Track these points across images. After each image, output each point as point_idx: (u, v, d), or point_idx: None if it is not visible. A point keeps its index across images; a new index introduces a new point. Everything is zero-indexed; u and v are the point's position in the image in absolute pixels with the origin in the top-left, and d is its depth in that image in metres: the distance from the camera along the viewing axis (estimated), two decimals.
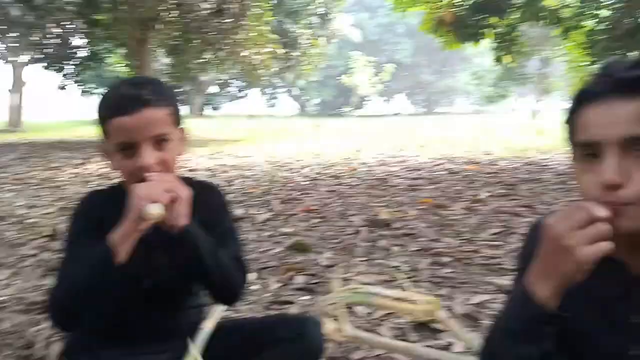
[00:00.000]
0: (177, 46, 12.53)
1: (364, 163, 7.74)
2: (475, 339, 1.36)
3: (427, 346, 1.79)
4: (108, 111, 1.18)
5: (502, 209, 4.16)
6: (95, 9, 11.73)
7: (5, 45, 19.03)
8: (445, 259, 2.92)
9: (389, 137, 12.30)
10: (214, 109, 39.61)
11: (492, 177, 5.79)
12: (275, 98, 46.67)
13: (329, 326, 1.45)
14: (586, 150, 0.83)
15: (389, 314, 2.07)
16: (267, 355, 1.29)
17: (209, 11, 9.72)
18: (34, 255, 3.33)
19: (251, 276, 2.69)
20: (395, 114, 31.88)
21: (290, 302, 2.33)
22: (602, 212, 0.77)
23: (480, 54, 29.57)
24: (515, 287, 0.89)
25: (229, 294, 1.29)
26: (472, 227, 3.64)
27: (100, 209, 1.28)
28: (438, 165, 7.14)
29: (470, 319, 2.07)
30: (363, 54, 24.22)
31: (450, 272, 2.72)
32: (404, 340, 1.85)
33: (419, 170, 6.73)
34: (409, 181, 5.85)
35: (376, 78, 22.54)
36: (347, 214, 4.28)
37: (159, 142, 1.17)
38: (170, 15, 10.12)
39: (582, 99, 0.85)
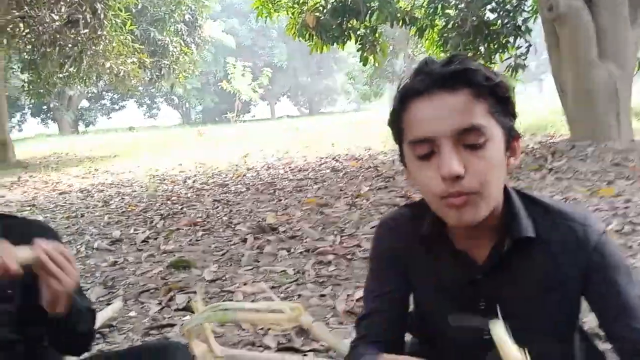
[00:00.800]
0: (33, 61, 11.49)
1: (250, 168, 7.67)
2: (342, 343, 1.37)
3: (312, 350, 1.78)
4: None
5: (382, 201, 4.34)
6: None
7: None
8: (330, 257, 2.96)
9: (275, 140, 12.31)
10: (87, 124, 37.04)
11: (372, 172, 6.02)
12: (155, 108, 44.79)
13: (198, 349, 1.38)
14: (420, 146, 0.83)
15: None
16: None
17: (58, 23, 8.98)
18: None
19: (129, 302, 2.52)
20: (280, 117, 32.13)
21: (171, 325, 2.20)
22: None
23: (353, 54, 30.75)
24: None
25: (83, 346, 1.20)
26: (354, 222, 3.74)
27: None
28: (322, 164, 7.28)
29: (353, 315, 2.08)
30: (239, 60, 24.01)
31: (334, 269, 2.76)
32: (289, 347, 1.83)
33: (305, 170, 6.81)
34: (295, 182, 5.90)
35: (255, 82, 22.47)
36: (233, 222, 4.19)
37: None
38: (18, 29, 9.23)
39: (407, 97, 0.86)
